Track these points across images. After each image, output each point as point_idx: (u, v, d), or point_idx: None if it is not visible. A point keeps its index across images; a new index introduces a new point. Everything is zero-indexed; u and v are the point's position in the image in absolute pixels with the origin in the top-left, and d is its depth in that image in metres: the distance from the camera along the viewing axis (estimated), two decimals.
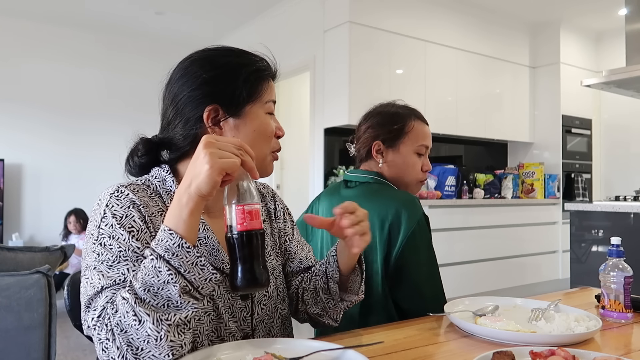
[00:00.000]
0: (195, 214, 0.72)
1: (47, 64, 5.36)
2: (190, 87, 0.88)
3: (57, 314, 1.61)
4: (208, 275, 0.72)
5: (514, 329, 0.96)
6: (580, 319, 1.00)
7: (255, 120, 0.90)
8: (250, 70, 0.90)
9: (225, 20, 5.33)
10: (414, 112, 1.42)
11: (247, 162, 0.74)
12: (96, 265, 0.76)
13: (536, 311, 1.05)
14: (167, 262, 0.69)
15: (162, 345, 0.68)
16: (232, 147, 0.72)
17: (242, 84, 0.88)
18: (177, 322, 0.69)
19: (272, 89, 0.94)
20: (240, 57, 0.92)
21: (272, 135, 0.93)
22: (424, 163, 1.41)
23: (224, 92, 0.88)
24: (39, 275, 1.60)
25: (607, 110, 5.72)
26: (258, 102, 0.90)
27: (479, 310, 1.09)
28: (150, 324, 0.67)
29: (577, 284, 3.30)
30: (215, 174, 0.69)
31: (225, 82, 0.88)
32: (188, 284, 0.70)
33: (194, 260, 0.71)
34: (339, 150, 4.56)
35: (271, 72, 0.95)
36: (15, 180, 5.20)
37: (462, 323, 0.99)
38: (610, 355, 0.78)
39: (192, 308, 0.71)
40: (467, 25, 4.97)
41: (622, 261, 1.12)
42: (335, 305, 0.99)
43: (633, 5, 3.33)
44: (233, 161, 0.71)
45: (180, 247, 0.70)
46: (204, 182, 0.69)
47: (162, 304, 0.69)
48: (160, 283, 0.68)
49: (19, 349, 1.53)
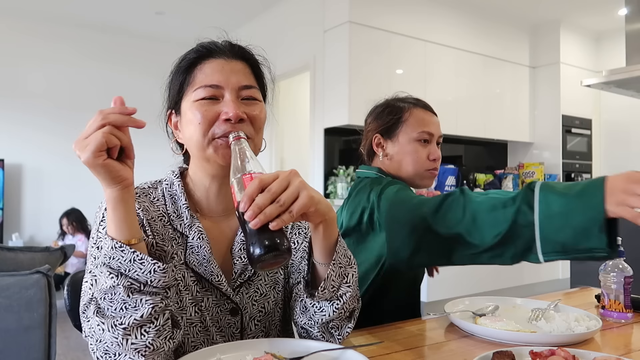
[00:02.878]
0: (118, 209, 0.68)
1: (47, 64, 5.36)
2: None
3: (57, 314, 1.61)
4: (150, 267, 0.69)
5: (514, 329, 0.96)
6: (580, 319, 1.01)
7: (187, 112, 0.84)
8: (178, 67, 0.88)
9: (225, 20, 5.32)
10: (412, 101, 1.36)
11: (115, 121, 0.64)
12: (92, 269, 0.77)
13: (536, 311, 1.05)
14: (108, 267, 0.69)
15: (127, 348, 0.68)
16: (91, 126, 0.64)
17: (175, 82, 0.88)
18: (133, 323, 0.68)
19: (207, 71, 0.84)
20: (181, 56, 0.90)
21: (208, 120, 0.81)
22: (430, 151, 1.32)
23: (170, 95, 0.90)
24: (39, 275, 1.60)
25: (607, 110, 5.72)
26: (187, 94, 0.85)
27: (479, 310, 1.09)
28: (108, 332, 0.68)
29: (577, 284, 3.29)
30: (92, 160, 0.63)
31: (171, 85, 0.90)
32: (134, 282, 0.69)
33: (130, 257, 0.69)
34: (339, 150, 4.56)
35: (203, 53, 0.86)
36: (15, 180, 5.20)
37: (462, 323, 0.99)
38: (610, 355, 0.78)
39: (149, 305, 0.69)
40: (467, 25, 4.97)
41: (622, 261, 1.12)
42: (316, 311, 0.84)
43: (633, 5, 3.33)
44: (94, 136, 0.63)
45: (114, 249, 0.69)
46: (96, 174, 0.65)
47: (120, 307, 0.69)
48: (109, 289, 0.69)
49: (19, 349, 1.53)
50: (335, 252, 0.80)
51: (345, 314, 0.85)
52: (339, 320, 0.85)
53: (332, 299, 0.82)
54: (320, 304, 0.83)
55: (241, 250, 0.88)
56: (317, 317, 0.84)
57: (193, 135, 0.83)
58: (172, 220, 0.86)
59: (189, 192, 0.90)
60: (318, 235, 0.79)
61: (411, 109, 1.33)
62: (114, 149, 0.65)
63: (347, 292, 0.83)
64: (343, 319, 0.85)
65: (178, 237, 0.86)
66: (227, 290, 0.86)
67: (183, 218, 0.86)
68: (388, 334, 0.99)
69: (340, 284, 0.82)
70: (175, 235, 0.86)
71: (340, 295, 0.82)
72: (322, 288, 0.80)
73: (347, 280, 0.83)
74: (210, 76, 0.83)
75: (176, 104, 0.88)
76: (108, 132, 0.63)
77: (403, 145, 1.31)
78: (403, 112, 1.33)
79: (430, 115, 1.34)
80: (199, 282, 0.86)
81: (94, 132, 0.63)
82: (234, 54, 0.87)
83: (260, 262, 0.67)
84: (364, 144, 1.39)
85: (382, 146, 1.34)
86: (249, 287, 0.89)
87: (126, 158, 0.68)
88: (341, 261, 0.82)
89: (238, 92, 0.84)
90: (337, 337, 0.86)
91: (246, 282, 0.89)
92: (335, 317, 0.83)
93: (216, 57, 0.85)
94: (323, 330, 0.86)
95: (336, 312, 0.82)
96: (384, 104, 1.39)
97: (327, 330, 0.86)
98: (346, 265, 0.83)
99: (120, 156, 0.67)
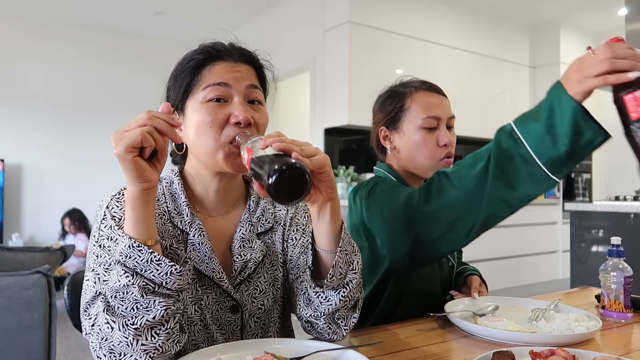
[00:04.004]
0: (136, 209, 0.69)
1: (47, 64, 5.36)
2: None
3: (57, 314, 1.61)
4: (167, 269, 0.69)
5: (514, 329, 0.96)
6: (580, 319, 1.00)
7: (193, 114, 0.83)
8: (184, 67, 0.87)
9: (225, 20, 5.32)
10: (416, 84, 1.25)
11: (158, 126, 0.66)
12: (94, 268, 0.77)
13: (536, 311, 1.05)
14: (123, 265, 0.69)
15: (136, 349, 0.68)
16: (135, 122, 0.66)
17: (181, 82, 0.87)
18: (145, 324, 0.68)
19: (216, 72, 0.84)
20: (186, 56, 0.89)
21: (218, 123, 0.81)
22: (439, 137, 1.20)
23: (173, 96, 0.89)
24: (39, 275, 1.60)
25: (607, 110, 5.70)
26: (195, 94, 0.84)
27: (479, 310, 1.09)
28: (118, 331, 0.68)
29: (577, 284, 3.29)
30: (123, 154, 0.64)
31: (173, 86, 0.89)
32: (149, 283, 0.69)
33: (147, 257, 0.68)
34: (339, 150, 4.56)
35: (212, 55, 0.86)
36: (15, 180, 5.20)
37: (462, 323, 0.99)
38: (610, 355, 0.78)
39: (161, 307, 0.69)
40: (467, 25, 4.97)
41: (622, 261, 1.12)
42: (323, 301, 0.83)
43: (633, 5, 3.33)
44: (133, 132, 0.64)
45: (131, 248, 0.68)
46: (123, 168, 0.66)
47: (131, 307, 0.69)
48: (122, 287, 0.68)
49: (19, 349, 1.53)
50: (341, 239, 0.80)
51: (351, 302, 0.85)
52: (345, 310, 0.85)
53: (339, 287, 0.82)
54: (326, 293, 0.83)
55: (240, 248, 0.89)
56: (323, 307, 0.83)
57: (202, 138, 0.82)
58: (172, 217, 0.86)
59: (189, 190, 0.91)
60: (325, 217, 0.80)
61: (413, 94, 1.23)
62: (147, 149, 0.66)
63: (354, 279, 0.83)
64: (348, 308, 0.86)
65: (178, 234, 0.86)
66: (228, 287, 0.87)
67: (183, 215, 0.87)
68: (388, 334, 0.99)
69: (347, 271, 0.82)
70: (176, 233, 0.86)
71: (347, 283, 0.83)
72: (331, 275, 0.80)
73: (353, 267, 0.83)
74: (221, 75, 0.84)
75: (180, 104, 0.87)
76: (147, 132, 0.65)
77: (409, 135, 1.21)
78: (405, 99, 1.23)
79: (436, 96, 1.24)
80: (199, 280, 0.86)
81: (134, 129, 0.65)
82: (241, 57, 0.88)
83: (282, 185, 0.64)
84: (372, 138, 1.32)
85: (389, 139, 1.26)
86: (249, 285, 0.90)
87: (156, 161, 0.69)
88: (347, 248, 0.82)
89: (245, 94, 0.85)
90: (344, 328, 0.87)
91: (246, 279, 0.90)
92: (341, 307, 0.84)
93: (225, 60, 0.86)
94: (329, 321, 0.86)
95: (342, 301, 0.82)
96: (388, 91, 1.31)
97: (334, 321, 0.86)
98: (351, 253, 0.83)
99: (151, 158, 0.68)
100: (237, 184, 0.94)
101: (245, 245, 0.89)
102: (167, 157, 0.70)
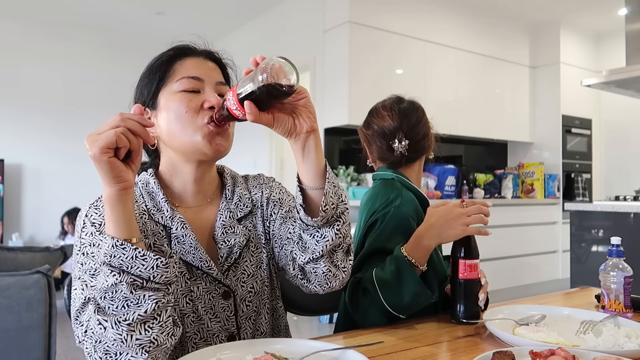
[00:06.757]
0: (115, 209, 0.70)
1: (47, 64, 5.36)
2: None
3: (57, 314, 1.61)
4: (152, 263, 0.70)
5: (553, 341, 0.89)
6: (632, 334, 0.92)
7: (168, 104, 0.88)
8: (156, 62, 0.93)
9: (225, 20, 5.33)
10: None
11: (131, 127, 0.68)
12: (80, 276, 0.77)
13: (586, 324, 0.98)
14: (109, 265, 0.69)
15: (131, 345, 0.68)
16: (108, 124, 0.68)
17: (154, 75, 0.91)
18: (137, 318, 0.68)
19: (188, 66, 0.90)
20: (157, 55, 0.95)
21: (193, 108, 0.86)
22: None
23: (142, 91, 0.92)
24: (39, 275, 1.60)
25: (607, 110, 5.72)
26: (168, 85, 0.89)
27: (522, 319, 1.02)
28: (111, 328, 0.68)
29: (577, 284, 3.29)
30: (98, 155, 0.65)
31: (147, 80, 0.93)
32: (136, 279, 0.69)
33: (132, 254, 0.69)
34: (339, 150, 4.56)
35: (183, 51, 0.93)
36: (15, 180, 5.20)
37: (498, 332, 0.93)
38: (610, 355, 0.78)
39: (152, 300, 0.70)
40: (467, 25, 4.97)
41: (622, 261, 1.12)
42: (319, 239, 0.83)
43: (633, 5, 3.33)
44: (107, 133, 0.66)
45: (115, 247, 0.69)
46: (99, 170, 0.67)
47: (122, 305, 0.69)
48: (110, 287, 0.69)
49: (19, 349, 1.53)
50: (327, 172, 0.82)
51: (345, 242, 0.86)
52: (341, 251, 0.86)
53: (332, 221, 0.83)
54: (321, 230, 0.83)
55: (223, 234, 0.92)
56: (320, 245, 0.83)
57: (178, 124, 0.86)
58: (152, 214, 0.88)
59: (166, 188, 0.93)
60: (310, 152, 0.80)
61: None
62: (122, 150, 0.67)
63: (345, 210, 0.84)
64: (344, 251, 0.87)
65: (161, 230, 0.88)
66: (218, 274, 0.89)
67: (164, 211, 0.89)
68: (388, 334, 0.99)
69: (337, 202, 0.82)
70: (158, 229, 0.88)
71: (339, 215, 0.83)
72: (324, 204, 0.80)
73: (342, 198, 0.84)
74: (193, 69, 0.90)
75: (152, 98, 0.90)
76: (120, 133, 0.66)
77: None
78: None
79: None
80: (187, 272, 0.88)
81: (108, 130, 0.66)
82: (208, 55, 0.95)
83: (274, 67, 0.71)
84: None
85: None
86: (236, 270, 0.93)
87: (131, 162, 0.70)
88: (333, 181, 0.82)
89: (215, 89, 0.90)
90: (343, 270, 0.87)
91: (233, 264, 0.92)
92: (337, 244, 0.84)
93: (194, 56, 0.93)
94: (328, 263, 0.85)
95: (337, 236, 0.83)
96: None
97: (332, 263, 0.86)
98: (338, 187, 0.84)
99: (126, 159, 0.69)
100: (213, 174, 0.97)
101: (228, 231, 0.92)
102: (141, 157, 0.71)
